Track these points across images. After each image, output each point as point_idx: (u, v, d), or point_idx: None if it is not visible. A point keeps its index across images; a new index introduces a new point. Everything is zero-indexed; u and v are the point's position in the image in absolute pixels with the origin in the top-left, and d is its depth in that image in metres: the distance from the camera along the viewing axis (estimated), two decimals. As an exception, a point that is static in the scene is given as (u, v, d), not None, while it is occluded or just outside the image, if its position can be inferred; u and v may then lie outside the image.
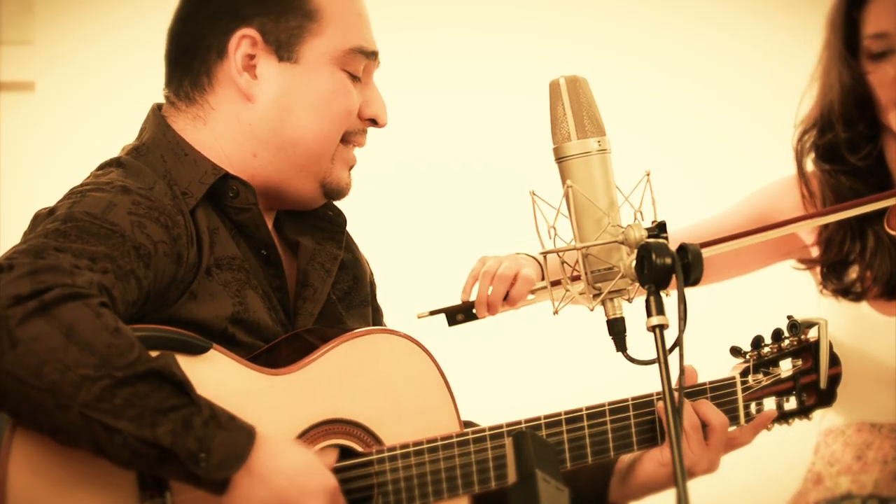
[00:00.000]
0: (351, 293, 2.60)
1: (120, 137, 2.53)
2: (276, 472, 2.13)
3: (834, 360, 2.64)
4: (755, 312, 4.42)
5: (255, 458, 2.11)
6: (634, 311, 2.27)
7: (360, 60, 2.46)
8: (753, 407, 2.60)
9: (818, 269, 3.21)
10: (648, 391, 2.51)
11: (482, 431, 2.39)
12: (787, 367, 2.64)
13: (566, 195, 2.27)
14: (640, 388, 2.52)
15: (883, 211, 3.10)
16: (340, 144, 2.48)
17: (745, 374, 2.60)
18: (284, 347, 2.38)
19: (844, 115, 3.17)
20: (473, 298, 2.80)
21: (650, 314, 2.14)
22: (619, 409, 2.49)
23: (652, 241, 2.17)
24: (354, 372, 2.35)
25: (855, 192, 3.14)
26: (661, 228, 2.23)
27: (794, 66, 4.66)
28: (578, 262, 2.27)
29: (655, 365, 2.13)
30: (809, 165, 3.25)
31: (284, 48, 2.42)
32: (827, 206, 3.15)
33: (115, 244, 2.21)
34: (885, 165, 3.21)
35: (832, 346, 2.63)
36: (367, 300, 2.63)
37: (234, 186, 2.41)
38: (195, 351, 2.22)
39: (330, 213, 2.56)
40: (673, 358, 2.12)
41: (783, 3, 4.74)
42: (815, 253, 3.22)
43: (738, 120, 4.72)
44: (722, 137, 4.71)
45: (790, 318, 2.64)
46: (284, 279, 2.46)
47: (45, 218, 2.25)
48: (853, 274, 3.15)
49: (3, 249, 2.21)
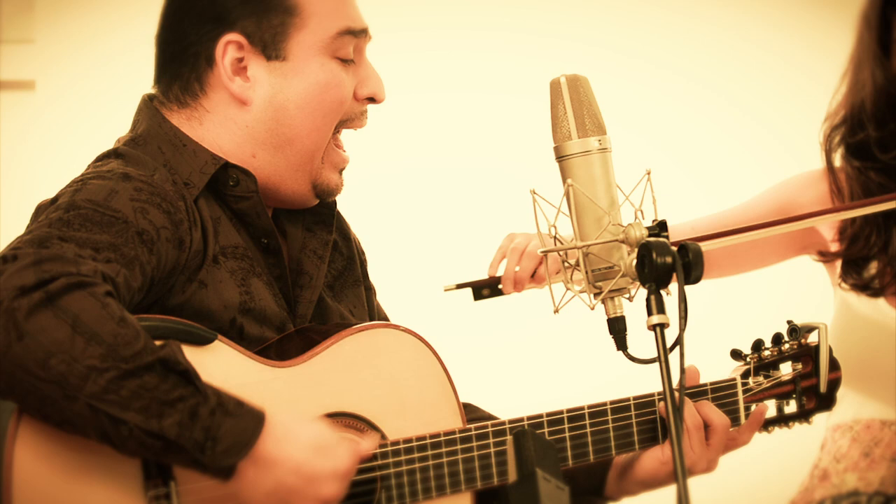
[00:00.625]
0: (344, 274, 2.62)
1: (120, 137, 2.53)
2: (284, 459, 2.13)
3: (834, 364, 2.64)
4: (756, 312, 4.43)
5: (262, 444, 2.11)
6: (635, 310, 2.27)
7: (349, 42, 2.46)
8: (754, 409, 2.60)
9: (835, 264, 3.20)
10: (649, 390, 2.51)
11: (485, 428, 2.40)
12: (787, 370, 2.64)
13: (567, 194, 2.27)
14: (640, 386, 2.53)
15: None
16: (332, 145, 2.48)
17: (745, 376, 2.61)
18: (289, 341, 2.39)
19: (876, 114, 3.16)
20: (500, 274, 2.77)
21: (651, 313, 2.14)
22: (621, 408, 2.49)
23: (652, 239, 2.17)
24: (358, 366, 2.35)
25: (884, 188, 3.14)
26: (661, 227, 2.23)
27: (794, 65, 4.67)
28: (579, 260, 2.27)
29: (656, 364, 2.14)
30: (836, 161, 3.24)
31: (271, 47, 2.42)
32: (854, 201, 3.14)
33: (118, 231, 2.21)
34: None
35: (832, 350, 2.63)
36: (359, 280, 2.64)
37: (234, 175, 2.42)
38: (200, 342, 2.23)
39: None
40: (673, 357, 2.12)
41: (783, 2, 4.74)
42: (834, 248, 3.21)
43: (738, 119, 4.72)
44: (722, 136, 4.72)
45: (790, 322, 2.63)
46: (285, 268, 2.47)
47: (47, 208, 2.25)
48: (873, 269, 3.15)
49: (2, 248, 2.20)
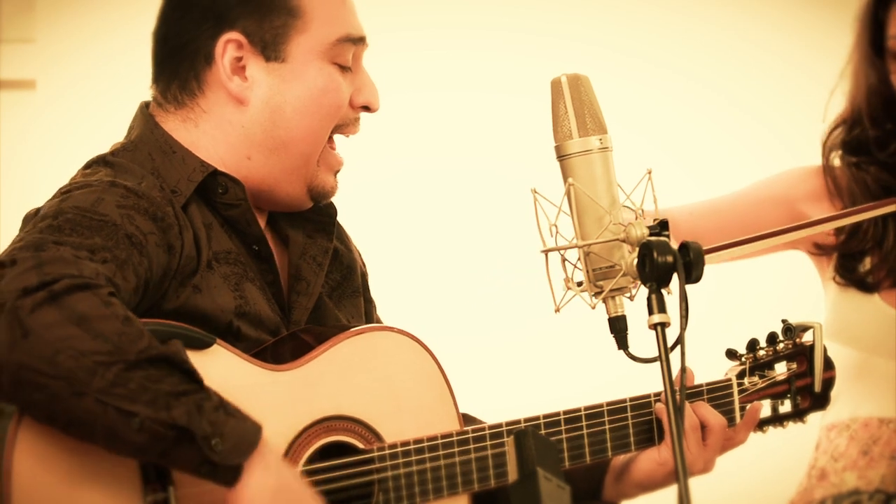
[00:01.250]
0: (343, 283, 2.61)
1: (120, 136, 2.52)
2: (284, 465, 2.14)
3: (828, 363, 2.65)
4: (755, 312, 4.43)
5: (264, 446, 2.12)
6: (635, 309, 2.27)
7: (348, 49, 2.45)
8: (748, 408, 2.60)
9: (825, 260, 3.20)
10: (648, 390, 2.51)
11: (482, 430, 2.40)
12: (782, 370, 2.65)
13: (567, 193, 2.27)
14: (640, 386, 2.53)
15: None
16: (327, 147, 2.48)
17: (740, 376, 2.61)
18: (287, 344, 2.38)
19: (871, 114, 3.18)
20: None
21: (651, 312, 2.14)
22: (617, 409, 2.49)
23: (653, 239, 2.17)
24: (356, 369, 2.35)
25: (883, 183, 3.14)
26: (662, 226, 2.23)
27: (794, 65, 4.67)
28: (580, 259, 2.26)
29: (656, 363, 2.14)
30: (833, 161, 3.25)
31: (271, 48, 2.42)
32: (851, 200, 3.14)
33: (108, 234, 2.21)
34: None
35: (826, 349, 2.64)
36: (358, 290, 2.64)
37: (222, 182, 2.41)
38: (199, 346, 2.23)
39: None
40: (674, 356, 2.12)
41: (783, 2, 4.74)
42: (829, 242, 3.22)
43: (738, 118, 4.72)
44: (723, 136, 4.72)
45: (784, 321, 2.64)
46: (277, 274, 2.46)
47: (33, 218, 2.25)
48: (867, 265, 3.15)
49: (3, 248, 2.20)
